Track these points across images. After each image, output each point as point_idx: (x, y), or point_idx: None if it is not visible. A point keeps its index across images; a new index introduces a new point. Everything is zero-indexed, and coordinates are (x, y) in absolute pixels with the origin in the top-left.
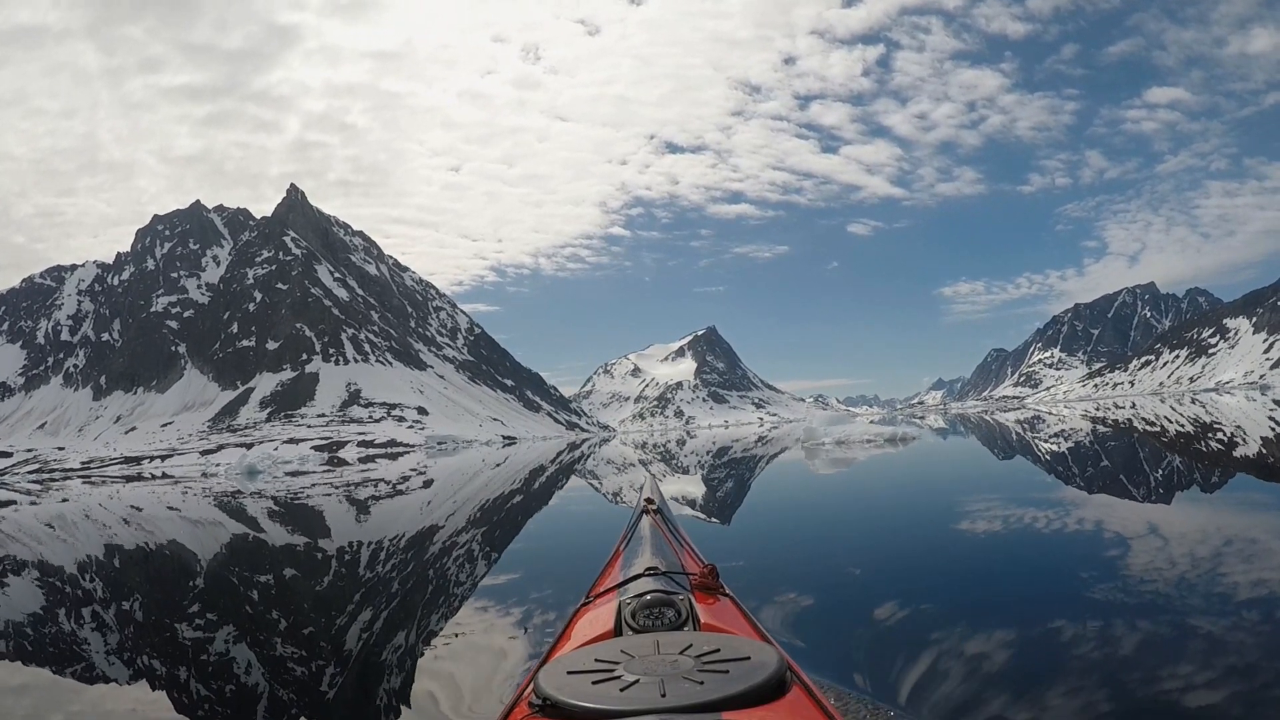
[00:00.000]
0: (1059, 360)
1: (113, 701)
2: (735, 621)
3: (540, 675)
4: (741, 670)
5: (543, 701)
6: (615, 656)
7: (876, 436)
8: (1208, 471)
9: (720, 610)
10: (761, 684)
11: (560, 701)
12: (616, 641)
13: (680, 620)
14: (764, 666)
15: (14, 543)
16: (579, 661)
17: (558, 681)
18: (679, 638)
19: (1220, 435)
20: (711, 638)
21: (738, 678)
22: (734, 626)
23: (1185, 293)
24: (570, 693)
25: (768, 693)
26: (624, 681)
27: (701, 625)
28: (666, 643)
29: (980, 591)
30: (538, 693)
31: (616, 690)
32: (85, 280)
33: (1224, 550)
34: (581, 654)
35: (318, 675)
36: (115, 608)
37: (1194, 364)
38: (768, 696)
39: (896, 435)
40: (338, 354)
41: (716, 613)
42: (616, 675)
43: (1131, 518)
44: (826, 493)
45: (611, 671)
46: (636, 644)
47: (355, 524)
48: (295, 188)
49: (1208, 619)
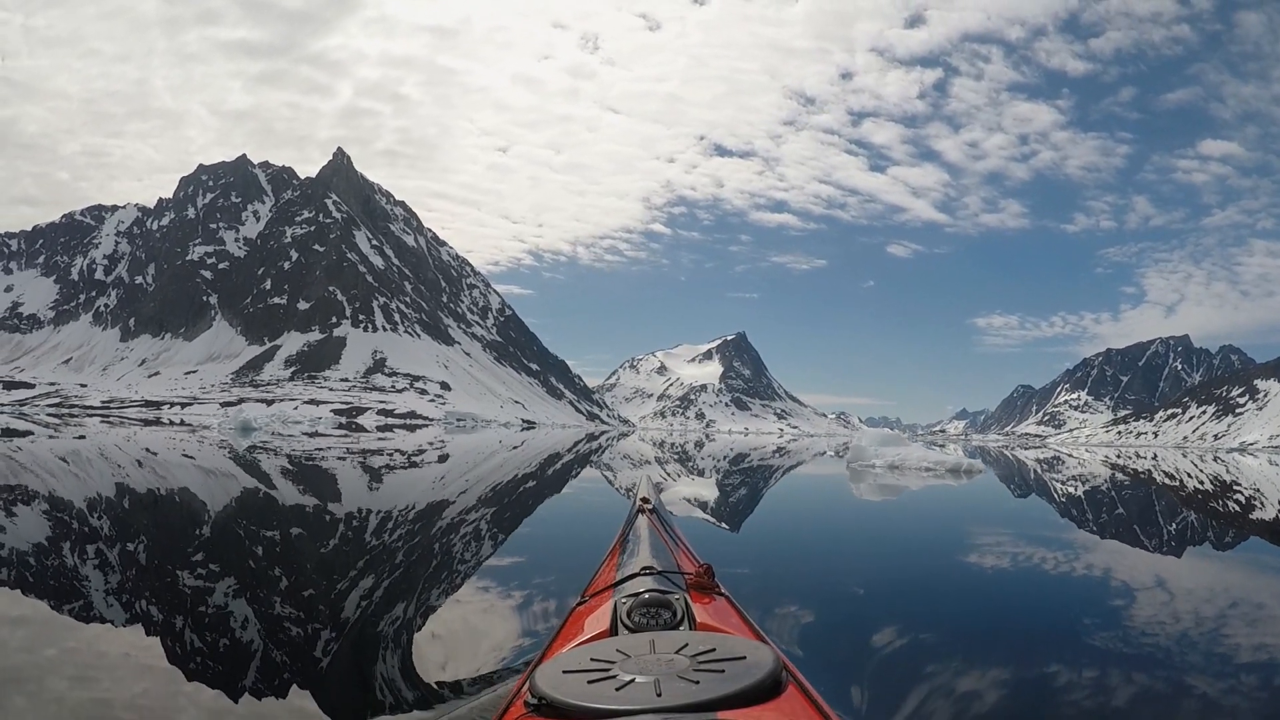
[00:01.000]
0: (1085, 403)
1: (107, 643)
2: (731, 621)
3: (536, 674)
4: (737, 670)
5: (538, 701)
6: (611, 656)
7: (936, 465)
8: (1222, 530)
9: (716, 610)
10: (757, 683)
11: (556, 701)
12: (612, 641)
13: (676, 620)
14: (760, 666)
15: (27, 473)
16: (575, 661)
17: (553, 681)
18: (675, 637)
19: (1239, 496)
20: (707, 637)
21: (733, 677)
22: (730, 626)
23: (1219, 349)
24: (566, 692)
25: (763, 692)
26: (620, 681)
27: (697, 625)
28: (662, 642)
29: (980, 626)
30: (533, 692)
31: (612, 690)
32: (125, 222)
33: (1228, 612)
34: (577, 653)
35: (313, 639)
36: (119, 548)
37: (1220, 421)
38: (763, 696)
39: (961, 466)
40: (367, 320)
41: (712, 612)
42: (612, 674)
43: (1140, 568)
44: (836, 511)
45: (607, 671)
46: (632, 643)
47: (367, 491)
48: (342, 151)
49: (1204, 678)
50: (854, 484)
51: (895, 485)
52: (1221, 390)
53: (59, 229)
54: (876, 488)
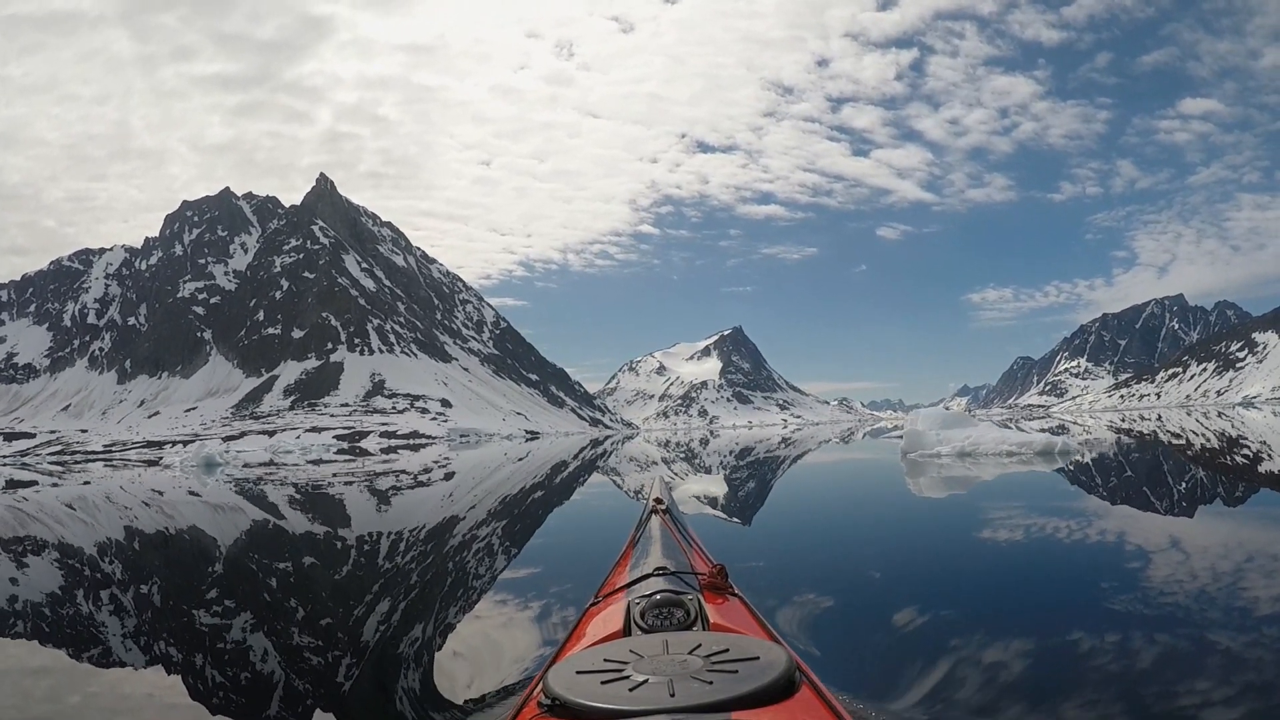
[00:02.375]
0: (1085, 370)
1: (129, 685)
2: (744, 621)
3: (549, 675)
4: (750, 670)
5: (552, 701)
6: (624, 656)
7: (1021, 448)
8: (1231, 486)
9: (729, 610)
10: (771, 684)
11: (569, 701)
12: (625, 641)
13: (689, 620)
14: (773, 666)
15: (35, 523)
16: (588, 661)
17: (567, 681)
18: (688, 638)
19: (1246, 450)
20: (720, 638)
21: (747, 677)
22: (743, 626)
23: (1214, 305)
24: (579, 692)
25: (777, 692)
26: (633, 681)
27: (710, 625)
28: (675, 643)
29: (999, 600)
30: (547, 692)
31: (626, 690)
32: (113, 264)
33: (1245, 565)
34: (590, 654)
35: (334, 665)
36: (134, 591)
37: (1221, 377)
38: (777, 696)
39: (1054, 448)
40: (363, 344)
41: (725, 613)
42: (625, 675)
43: (1153, 530)
44: (844, 495)
45: (620, 671)
46: (645, 644)
47: (376, 514)
48: (325, 177)
49: (1226, 633)
50: (913, 479)
51: (968, 477)
52: (1220, 346)
53: (48, 276)
54: (943, 481)
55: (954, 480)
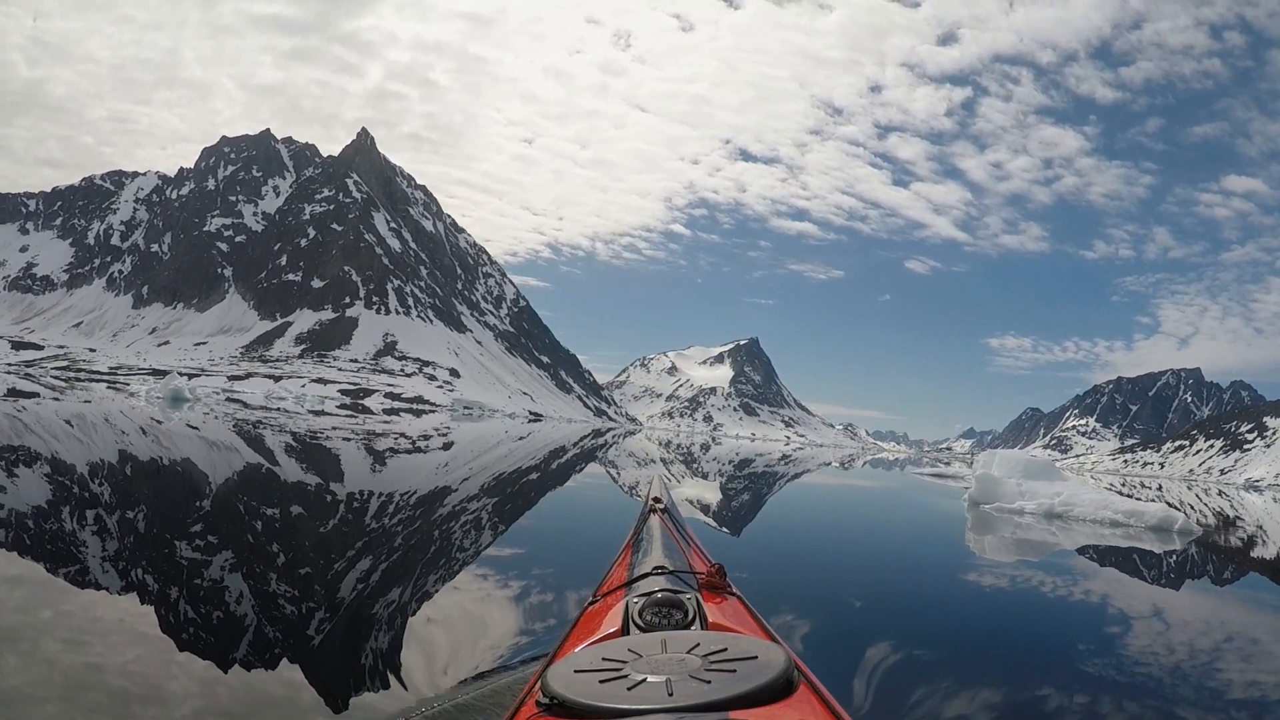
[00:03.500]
0: (1093, 430)
1: (102, 608)
2: (743, 621)
3: (548, 674)
4: (749, 669)
5: (550, 700)
6: (623, 655)
7: (1130, 517)
8: (1222, 564)
9: (728, 609)
10: (769, 683)
11: (568, 700)
12: (624, 640)
13: (688, 619)
14: (771, 665)
15: (31, 434)
16: (586, 660)
17: (565, 680)
18: (686, 637)
19: (1241, 532)
20: (719, 637)
21: (745, 677)
22: (741, 626)
23: (1230, 384)
24: (578, 691)
25: (775, 692)
26: (631, 680)
27: (709, 624)
28: (674, 642)
29: (978, 644)
30: (545, 691)
31: (624, 689)
32: (145, 189)
33: (1223, 645)
34: (589, 652)
35: (307, 616)
36: (119, 515)
37: (1227, 456)
38: (775, 695)
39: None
40: (380, 303)
41: (724, 612)
42: (624, 674)
43: (1137, 597)
44: (836, 518)
45: (619, 670)
46: (644, 643)
47: (370, 473)
48: (366, 132)
49: (1196, 711)
50: (977, 535)
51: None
52: (1230, 425)
53: (78, 192)
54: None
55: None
